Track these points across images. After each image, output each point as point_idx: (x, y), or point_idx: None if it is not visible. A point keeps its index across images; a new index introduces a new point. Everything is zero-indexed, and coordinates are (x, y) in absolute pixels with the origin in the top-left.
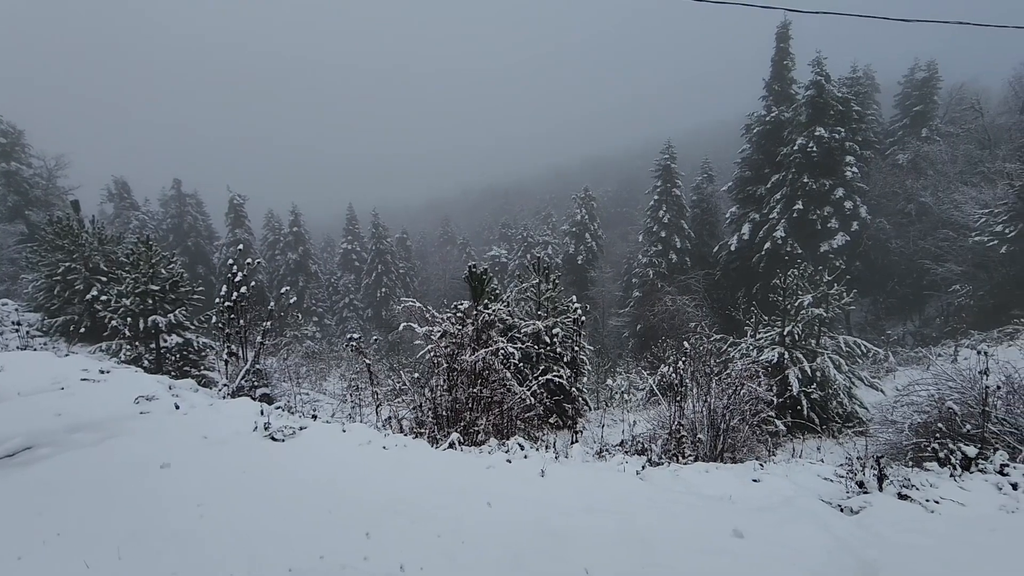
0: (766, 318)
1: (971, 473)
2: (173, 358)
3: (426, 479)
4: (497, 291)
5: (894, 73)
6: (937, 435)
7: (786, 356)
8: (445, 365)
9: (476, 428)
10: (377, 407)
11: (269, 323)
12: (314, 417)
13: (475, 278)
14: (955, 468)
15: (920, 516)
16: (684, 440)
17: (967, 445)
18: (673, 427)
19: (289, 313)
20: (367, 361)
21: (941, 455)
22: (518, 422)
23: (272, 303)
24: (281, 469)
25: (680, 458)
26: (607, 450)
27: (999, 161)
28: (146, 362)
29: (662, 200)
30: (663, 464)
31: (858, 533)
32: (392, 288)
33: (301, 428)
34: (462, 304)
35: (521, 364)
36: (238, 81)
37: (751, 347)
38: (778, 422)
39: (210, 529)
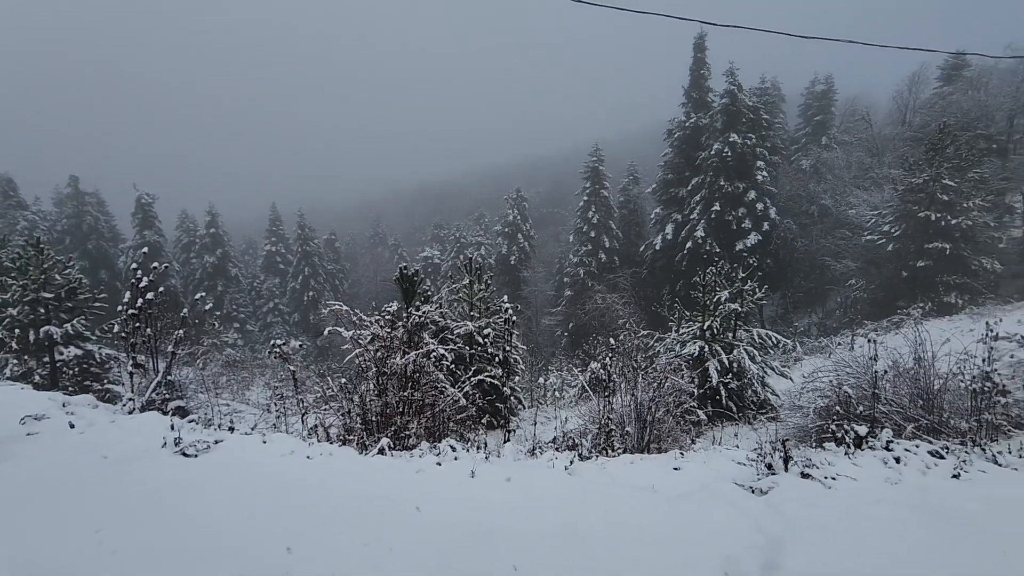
0: (688, 314)
1: (862, 450)
2: (71, 372)
3: (353, 487)
4: (429, 293)
5: (797, 85)
6: (835, 417)
7: (706, 349)
8: (375, 369)
9: (407, 432)
10: (303, 415)
11: (183, 331)
12: (231, 429)
13: (406, 280)
14: (849, 447)
15: (820, 492)
16: (613, 434)
17: (860, 425)
18: (602, 422)
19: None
20: (292, 368)
21: (838, 435)
22: (451, 424)
23: (186, 309)
24: (194, 486)
25: (610, 451)
26: (540, 447)
27: (885, 167)
28: (38, 377)
29: (591, 201)
30: (592, 458)
31: (767, 512)
32: (320, 291)
33: (217, 442)
34: (391, 306)
35: (453, 366)
36: (152, 74)
37: (675, 342)
38: (700, 412)
39: (110, 555)
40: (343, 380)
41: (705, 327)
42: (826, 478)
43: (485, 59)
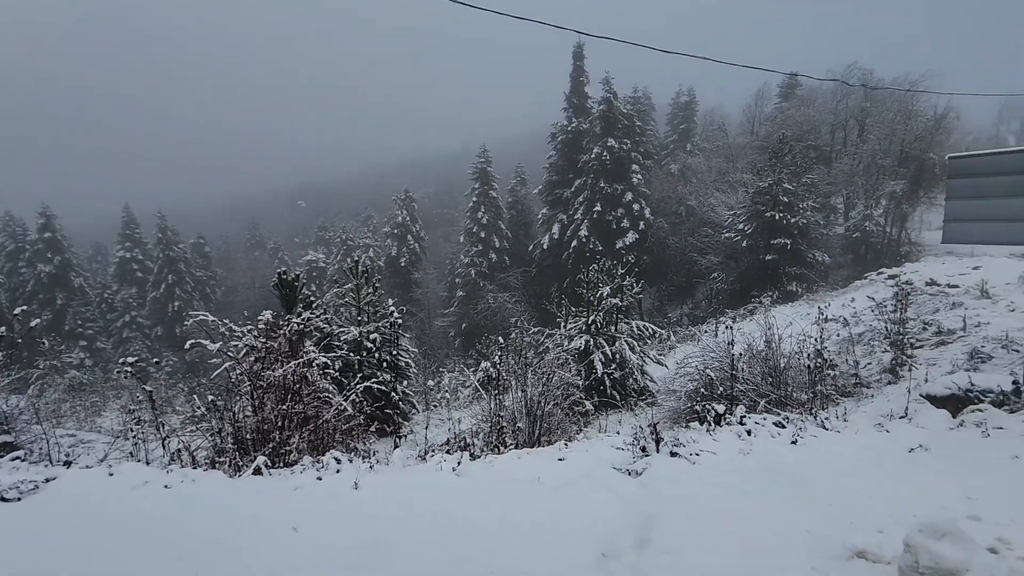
0: (574, 310)
1: (721, 426)
2: None
3: (220, 514)
4: (312, 298)
5: (665, 96)
6: (698, 399)
7: (591, 342)
8: (248, 383)
9: (288, 447)
10: (164, 440)
11: (1, 354)
12: (68, 463)
13: (286, 285)
14: (711, 424)
15: (686, 468)
16: (505, 430)
17: (719, 404)
18: (493, 420)
19: (39, 338)
20: (148, 388)
21: (702, 415)
22: (337, 435)
23: (2, 328)
24: (13, 534)
25: (502, 448)
26: (432, 451)
27: (739, 172)
28: None
29: (481, 202)
30: (481, 456)
31: (641, 492)
32: (188, 301)
33: (48, 480)
34: (266, 314)
35: (339, 374)
36: None
37: (563, 337)
38: (587, 402)
39: None
40: (212, 398)
41: (590, 321)
42: (691, 455)
43: (367, 57)
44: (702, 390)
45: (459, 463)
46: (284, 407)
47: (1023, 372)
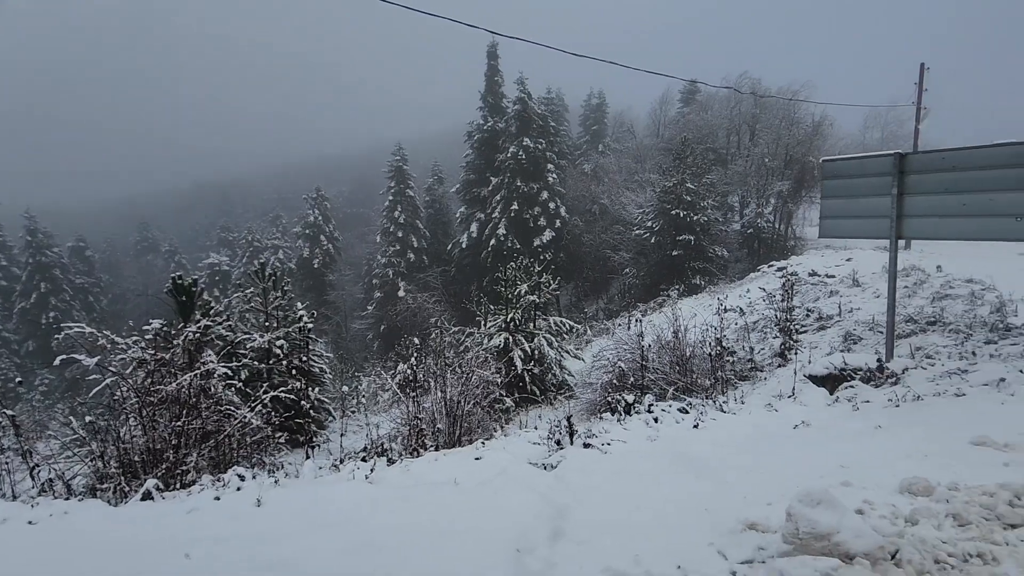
0: (493, 308)
1: (631, 416)
2: None
3: (98, 547)
4: (212, 304)
5: (578, 97)
6: (613, 390)
7: (510, 340)
8: (135, 400)
9: (185, 467)
10: (32, 469)
11: None
12: None
13: (181, 291)
14: (621, 414)
15: (598, 458)
16: (424, 433)
17: (629, 394)
18: (412, 422)
19: None
20: (8, 412)
21: (613, 405)
22: (242, 450)
23: None
24: None
25: (422, 451)
26: (349, 458)
27: (647, 172)
28: None
29: (397, 201)
30: (398, 461)
31: (556, 485)
32: (67, 311)
33: None
34: (154, 323)
35: (243, 385)
36: None
37: (483, 335)
38: (507, 399)
39: None
40: (89, 418)
41: (508, 319)
42: (603, 445)
43: (270, 50)
44: (615, 381)
45: (372, 470)
46: (180, 423)
47: (885, 351)
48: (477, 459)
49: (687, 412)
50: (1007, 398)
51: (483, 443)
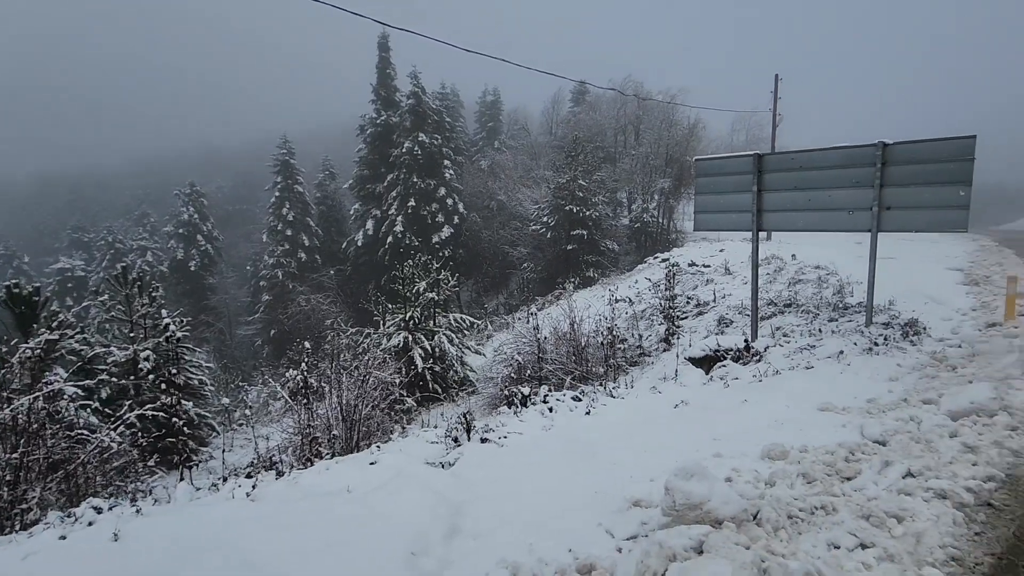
0: (391, 307)
1: (527, 407)
2: None
3: None
4: (60, 315)
5: (473, 94)
6: (513, 383)
7: (410, 339)
8: None
9: (26, 505)
10: None
11: None
12: None
13: (19, 301)
14: (518, 406)
15: (495, 452)
16: (319, 441)
17: (527, 386)
18: (304, 431)
19: None
20: None
21: (510, 398)
22: (101, 477)
23: None
24: None
25: (318, 459)
26: (234, 475)
27: (541, 169)
28: None
29: (285, 197)
30: (286, 474)
31: (453, 483)
32: None
33: None
34: None
35: (101, 405)
36: None
37: (381, 335)
38: (408, 399)
39: None
40: None
41: (407, 318)
42: (500, 439)
43: (135, 33)
44: (514, 375)
45: (254, 486)
46: (16, 455)
47: (751, 332)
48: (372, 464)
49: (580, 400)
50: (845, 368)
51: (378, 447)
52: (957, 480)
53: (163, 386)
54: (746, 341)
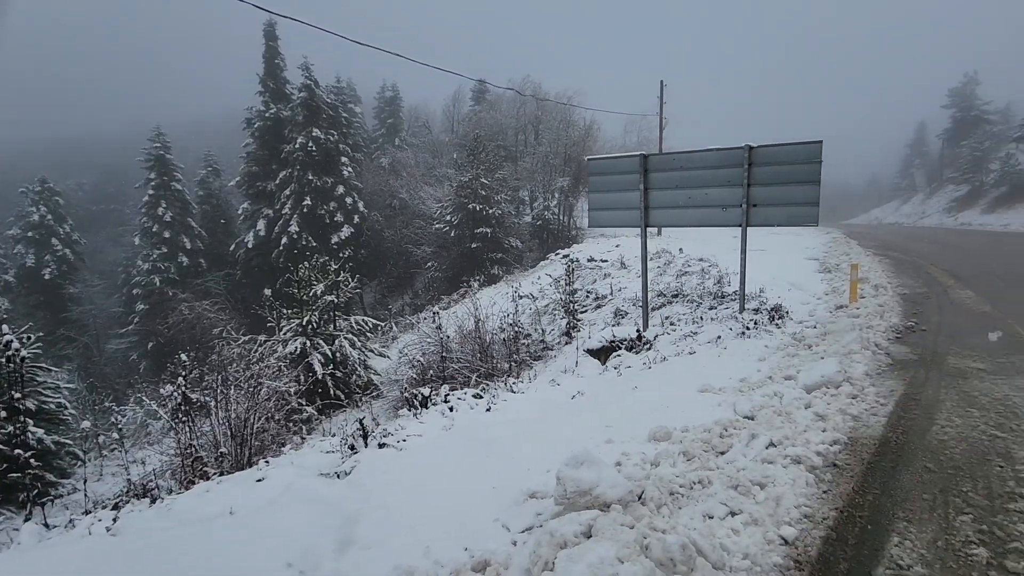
0: (287, 311)
1: (428, 409)
2: None
3: None
4: None
5: (371, 89)
6: (418, 384)
7: (308, 344)
8: None
9: None
10: None
11: None
12: None
13: None
14: (418, 408)
15: (394, 457)
16: (204, 460)
17: (428, 386)
18: (186, 451)
19: None
20: None
21: (410, 400)
22: None
23: None
24: None
25: (203, 479)
26: (102, 507)
27: (444, 167)
28: None
29: (160, 195)
30: (160, 500)
31: (348, 492)
32: None
33: None
34: None
35: None
36: None
37: (277, 342)
38: (308, 408)
39: None
40: None
41: (304, 322)
42: (399, 442)
43: None
44: (415, 376)
45: (116, 519)
46: None
47: (642, 322)
48: (259, 480)
49: (481, 397)
50: (722, 352)
51: (267, 462)
52: (809, 446)
53: (3, 413)
54: (638, 331)
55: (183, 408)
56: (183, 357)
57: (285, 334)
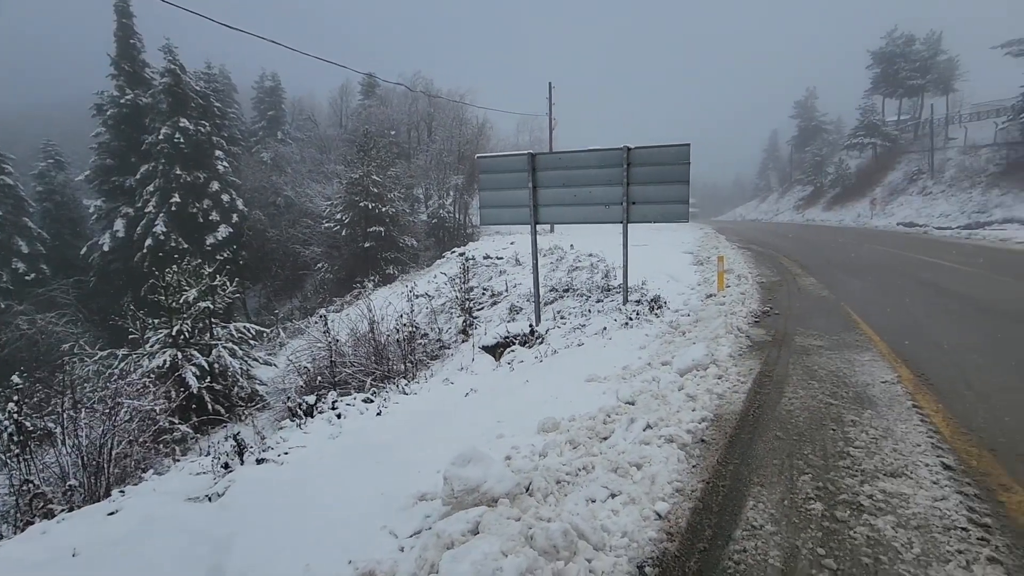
0: (154, 321)
1: (314, 417)
2: None
3: None
4: None
5: (248, 78)
6: (307, 392)
7: (179, 356)
8: None
9: None
10: None
11: None
12: None
13: None
14: (302, 417)
15: (274, 472)
16: (46, 496)
17: (314, 394)
18: (22, 488)
19: None
20: None
21: (294, 410)
22: None
23: None
24: None
25: (48, 518)
26: None
27: (332, 164)
28: None
29: None
30: None
31: (220, 516)
32: None
33: None
34: None
35: None
36: None
37: (141, 356)
38: (182, 426)
39: None
40: None
41: (175, 332)
42: (279, 456)
43: None
44: (301, 384)
45: None
46: None
47: (535, 317)
48: (112, 514)
49: (372, 401)
50: (607, 342)
51: (122, 492)
52: (681, 425)
53: None
54: (531, 326)
55: (16, 439)
56: (14, 380)
57: (152, 346)
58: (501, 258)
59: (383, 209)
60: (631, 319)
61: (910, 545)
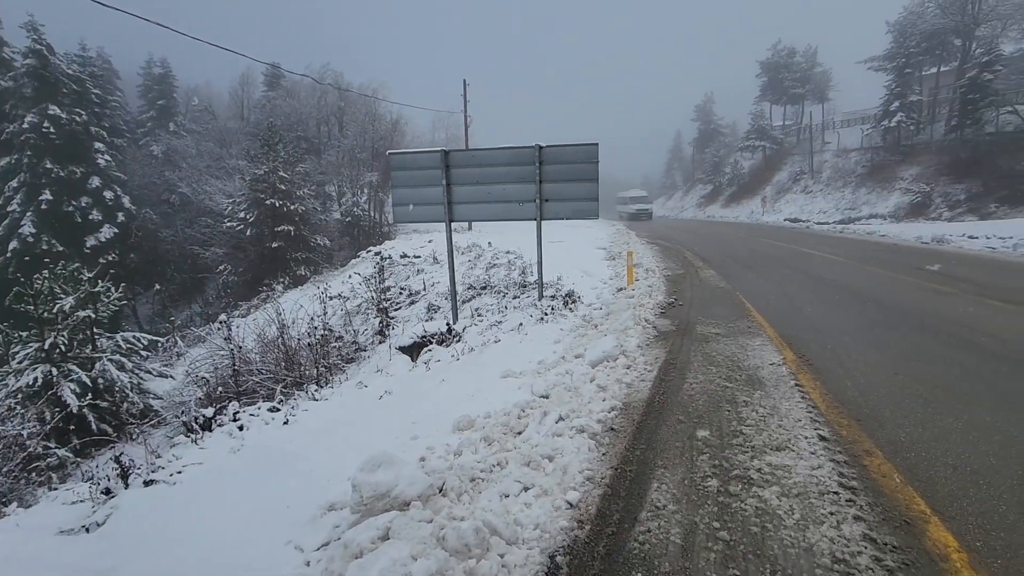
0: (22, 335)
1: (212, 431)
2: None
3: None
4: None
5: (133, 63)
6: (208, 404)
7: (54, 372)
8: None
9: None
10: None
11: None
12: None
13: None
14: (198, 432)
15: (164, 495)
16: None
17: (212, 406)
18: None
19: None
20: None
21: (189, 424)
22: None
23: None
24: None
25: None
26: None
27: (234, 159)
28: None
29: None
30: None
31: (99, 548)
32: None
33: None
34: None
35: None
36: None
37: (6, 374)
38: (60, 451)
39: None
40: None
41: (48, 345)
42: (172, 475)
43: None
44: (200, 397)
45: None
46: None
47: (452, 316)
48: None
49: (278, 410)
50: (524, 337)
51: None
52: (592, 415)
53: None
54: (448, 325)
55: None
56: None
57: (20, 362)
58: (419, 256)
59: (292, 207)
60: (546, 314)
61: (791, 512)
